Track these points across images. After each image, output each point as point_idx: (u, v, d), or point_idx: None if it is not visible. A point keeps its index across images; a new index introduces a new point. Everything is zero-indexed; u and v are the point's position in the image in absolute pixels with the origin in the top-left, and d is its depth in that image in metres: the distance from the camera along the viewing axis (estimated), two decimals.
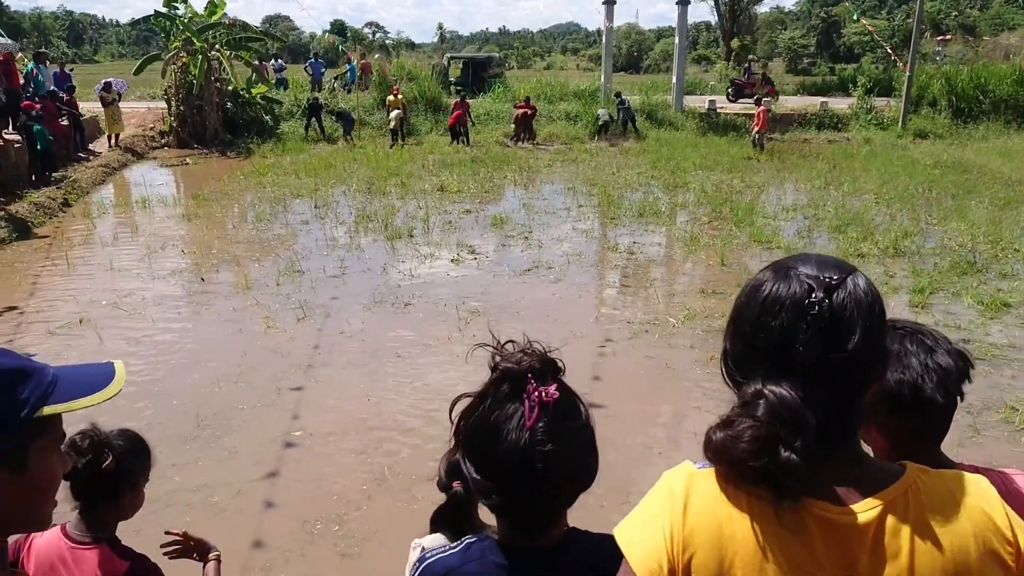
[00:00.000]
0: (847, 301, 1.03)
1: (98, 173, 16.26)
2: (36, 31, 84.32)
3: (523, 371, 1.18)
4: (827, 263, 1.08)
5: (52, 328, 7.48)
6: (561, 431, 1.17)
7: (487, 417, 1.18)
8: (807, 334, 1.02)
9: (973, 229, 10.87)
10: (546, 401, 1.16)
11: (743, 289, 1.14)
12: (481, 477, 1.20)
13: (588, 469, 1.25)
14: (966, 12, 57.65)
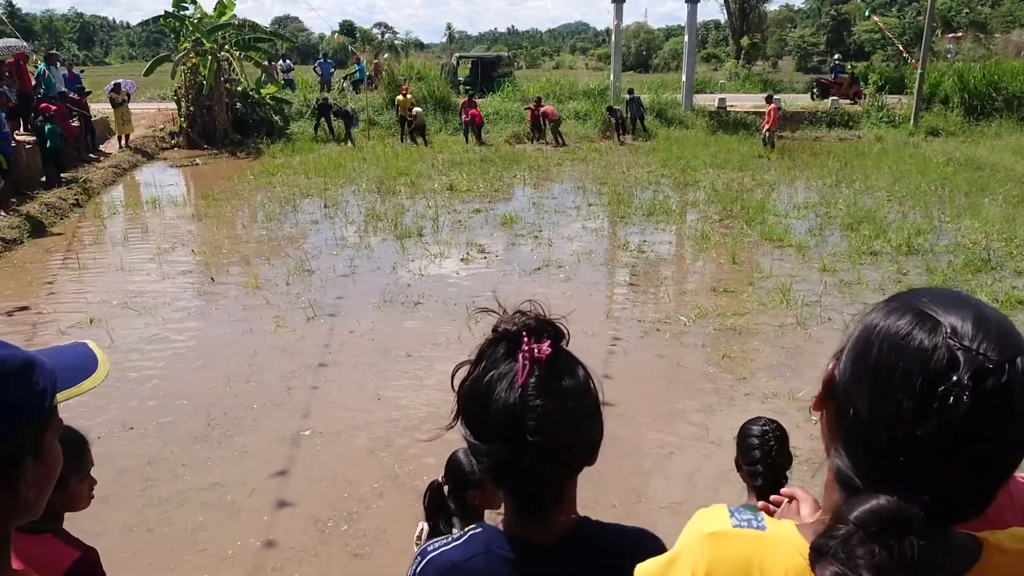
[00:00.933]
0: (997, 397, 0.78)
1: (109, 174, 16.31)
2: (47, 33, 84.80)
3: (518, 330, 1.14)
4: (989, 323, 0.83)
5: (63, 327, 7.50)
6: (554, 388, 1.12)
7: (481, 378, 1.15)
8: (935, 424, 0.79)
9: (987, 227, 10.77)
10: (538, 357, 1.11)
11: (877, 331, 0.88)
12: (476, 439, 1.16)
13: (586, 435, 1.17)
14: (977, 9, 57.30)
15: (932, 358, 0.80)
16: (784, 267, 9.21)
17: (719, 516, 0.98)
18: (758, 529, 0.95)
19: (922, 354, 0.81)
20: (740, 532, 0.95)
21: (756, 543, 0.93)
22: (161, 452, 5.15)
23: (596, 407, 1.21)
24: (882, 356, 0.85)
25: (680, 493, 4.68)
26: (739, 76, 35.88)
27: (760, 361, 6.60)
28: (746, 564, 0.92)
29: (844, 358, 0.92)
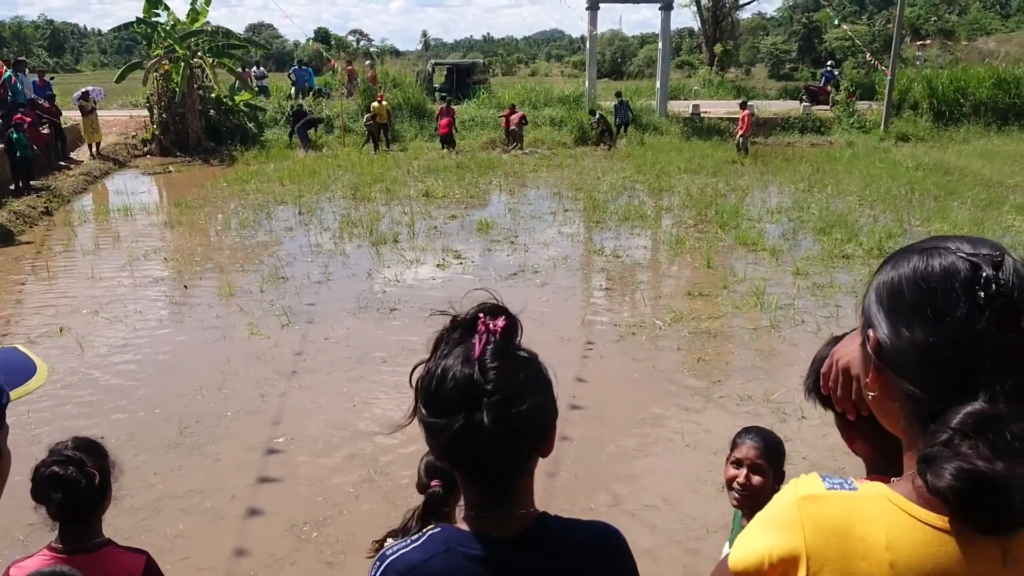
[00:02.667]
0: (1013, 278, 0.93)
1: (79, 181, 16.11)
2: (16, 40, 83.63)
3: (473, 314, 1.17)
4: (974, 239, 0.98)
5: (32, 337, 7.38)
6: (509, 354, 1.15)
7: (439, 362, 1.16)
8: (984, 318, 0.91)
9: (956, 230, 10.93)
10: (493, 330, 1.14)
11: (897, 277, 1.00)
12: (432, 417, 1.15)
13: (541, 406, 1.16)
14: (945, 17, 58.27)
15: (959, 270, 0.94)
16: (758, 271, 9.28)
17: (812, 481, 1.01)
18: (851, 490, 0.99)
19: (947, 272, 0.95)
20: (834, 493, 0.98)
21: (851, 502, 0.97)
22: (133, 461, 5.07)
23: (549, 386, 1.21)
24: (916, 292, 0.97)
25: (656, 496, 4.69)
26: (713, 83, 36.18)
27: (735, 364, 6.64)
28: (844, 523, 0.95)
29: (880, 323, 1.00)
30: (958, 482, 0.88)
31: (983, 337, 0.91)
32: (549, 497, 4.63)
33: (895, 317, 0.99)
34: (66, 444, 2.02)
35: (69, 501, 1.94)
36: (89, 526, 2.01)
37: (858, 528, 0.94)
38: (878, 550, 0.93)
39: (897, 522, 0.93)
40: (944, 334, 0.94)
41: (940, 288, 0.94)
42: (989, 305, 0.91)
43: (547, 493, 4.66)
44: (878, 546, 0.93)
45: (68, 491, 1.92)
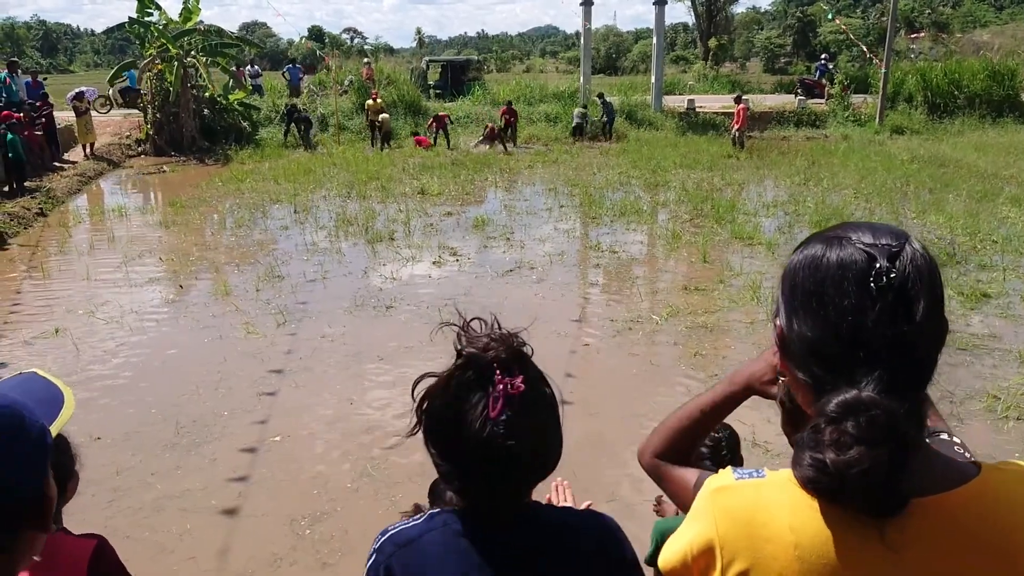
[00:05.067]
0: (909, 269, 0.94)
1: (74, 182, 16.06)
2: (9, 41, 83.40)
3: (489, 361, 1.16)
4: (879, 228, 0.99)
5: (27, 338, 7.36)
6: (524, 424, 1.15)
7: (451, 404, 1.16)
8: (876, 309, 0.92)
9: (951, 222, 10.95)
10: (511, 393, 1.14)
11: (795, 266, 1.02)
12: (444, 463, 1.20)
13: (550, 459, 1.24)
14: (939, 10, 58.28)
15: (854, 261, 0.95)
16: (754, 265, 9.28)
17: (724, 474, 1.06)
18: (759, 478, 1.03)
19: (843, 262, 0.96)
20: (742, 483, 1.03)
21: (758, 489, 1.01)
22: (130, 461, 5.06)
23: (559, 426, 1.25)
24: (807, 280, 0.99)
25: (653, 491, 4.68)
26: (707, 77, 36.22)
27: (732, 358, 6.64)
28: (751, 508, 0.99)
29: (781, 311, 1.04)
30: (811, 471, 0.92)
31: (872, 329, 0.93)
32: (546, 491, 4.63)
33: (790, 307, 1.02)
34: None
35: None
36: None
37: (763, 514, 0.98)
38: (782, 532, 0.96)
39: (800, 505, 0.96)
40: (832, 326, 0.95)
41: (831, 279, 0.96)
42: (881, 297, 0.93)
43: (545, 488, 4.65)
44: (782, 528, 0.96)
45: None
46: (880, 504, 0.91)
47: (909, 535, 0.92)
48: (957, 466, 0.99)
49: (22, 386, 1.14)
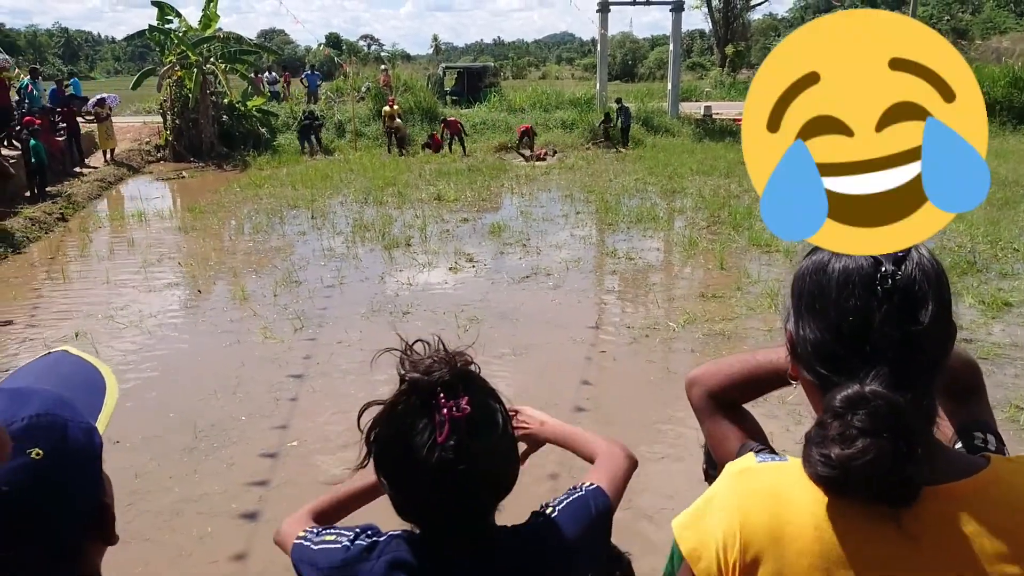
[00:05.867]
0: (915, 272, 0.98)
1: (94, 187, 16.23)
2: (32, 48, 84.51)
3: (432, 384, 1.12)
4: None
5: (48, 342, 7.43)
6: (474, 446, 1.11)
7: (397, 431, 1.13)
8: (882, 311, 0.96)
9: (972, 229, 10.85)
10: (456, 416, 1.10)
11: (803, 272, 1.07)
12: (396, 492, 1.17)
13: (505, 479, 1.20)
14: (958, 16, 57.90)
15: (860, 265, 1.00)
16: (772, 272, 9.23)
17: (745, 458, 1.09)
18: (782, 461, 1.05)
19: (848, 267, 1.00)
20: (764, 465, 1.05)
21: (780, 471, 1.04)
22: (148, 465, 5.09)
23: (514, 448, 1.22)
24: (813, 284, 1.04)
25: (670, 499, 4.66)
26: (724, 84, 36.13)
27: None
28: (773, 490, 1.02)
29: (789, 316, 1.08)
30: (821, 468, 0.95)
31: (879, 330, 0.96)
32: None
33: (798, 311, 1.06)
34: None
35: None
36: None
37: (786, 492, 1.01)
38: (803, 512, 0.98)
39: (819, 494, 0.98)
40: (836, 328, 0.99)
41: (837, 283, 1.00)
42: (887, 299, 0.96)
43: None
44: (803, 508, 0.99)
45: None
46: (892, 493, 0.93)
47: (924, 523, 0.95)
48: (966, 458, 1.03)
49: (53, 370, 1.04)
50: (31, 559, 0.86)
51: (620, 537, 4.48)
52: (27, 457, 0.84)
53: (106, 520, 0.96)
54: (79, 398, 0.97)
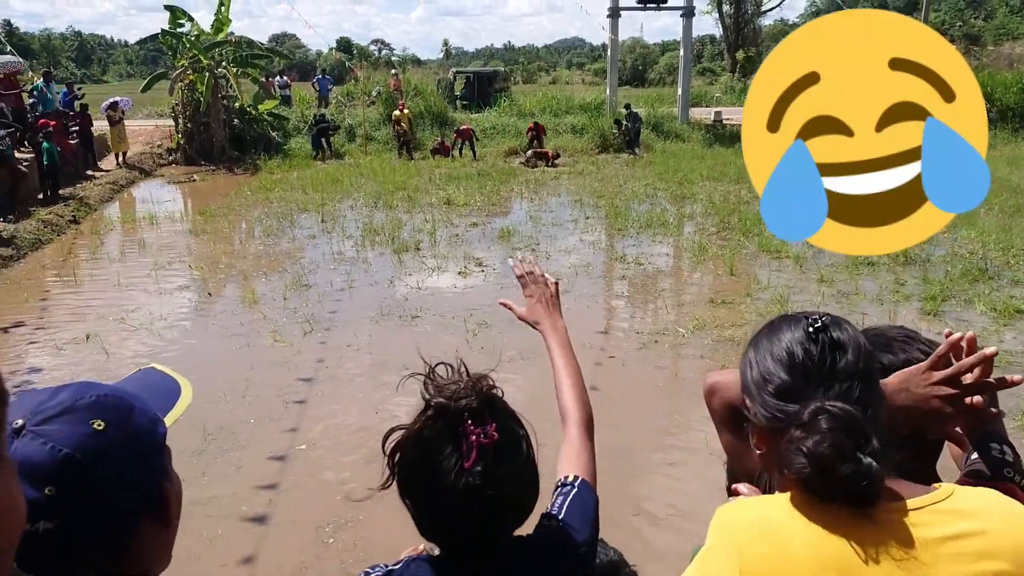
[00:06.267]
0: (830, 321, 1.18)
1: (106, 190, 16.33)
2: (45, 52, 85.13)
3: (460, 410, 1.13)
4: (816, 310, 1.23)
5: (59, 344, 7.47)
6: (500, 472, 1.13)
7: (423, 456, 1.14)
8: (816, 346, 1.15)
9: (983, 236, 10.79)
10: (484, 443, 1.11)
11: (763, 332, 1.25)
12: (420, 514, 1.18)
13: (528, 503, 1.22)
14: (971, 22, 57.65)
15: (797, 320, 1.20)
16: (782, 278, 9.20)
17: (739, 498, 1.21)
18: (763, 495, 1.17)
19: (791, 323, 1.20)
20: (750, 499, 1.15)
21: (765, 501, 1.13)
22: None
23: (536, 473, 1.24)
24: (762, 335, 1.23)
25: (679, 504, 4.65)
26: (735, 90, 36.01)
27: None
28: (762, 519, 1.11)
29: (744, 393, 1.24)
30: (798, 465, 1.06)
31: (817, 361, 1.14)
32: None
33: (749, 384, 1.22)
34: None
35: None
36: None
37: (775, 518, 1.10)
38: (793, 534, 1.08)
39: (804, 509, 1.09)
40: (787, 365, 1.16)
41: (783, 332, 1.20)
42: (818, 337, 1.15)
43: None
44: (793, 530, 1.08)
45: None
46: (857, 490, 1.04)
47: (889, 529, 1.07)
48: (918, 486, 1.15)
49: (139, 381, 1.14)
50: (86, 527, 0.92)
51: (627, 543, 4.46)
52: (90, 427, 0.92)
53: (163, 504, 1.01)
54: (152, 399, 1.05)
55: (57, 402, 0.94)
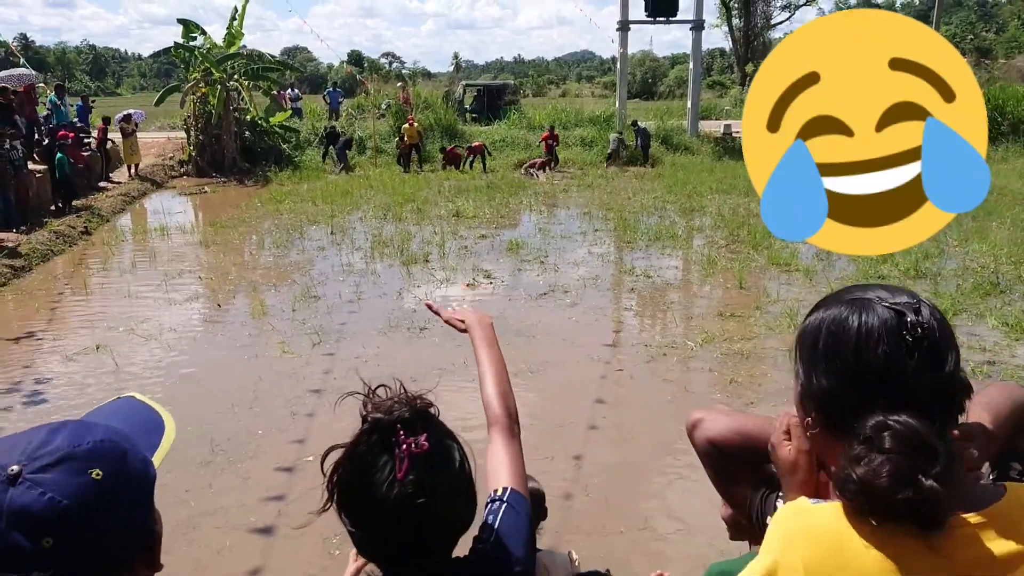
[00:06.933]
0: (932, 320, 1.03)
1: (118, 202, 16.44)
2: (60, 65, 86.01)
3: (392, 421, 1.15)
4: (892, 289, 1.07)
5: (69, 354, 7.51)
6: (433, 482, 1.14)
7: (358, 470, 1.15)
8: (914, 358, 1.01)
9: (995, 250, 10.73)
10: (415, 452, 1.13)
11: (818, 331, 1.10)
12: (357, 530, 1.18)
13: (463, 516, 1.22)
14: (982, 35, 57.60)
15: (884, 319, 1.03)
16: (791, 291, 9.17)
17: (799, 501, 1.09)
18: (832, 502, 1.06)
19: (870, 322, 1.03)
20: (819, 506, 1.05)
21: (837, 511, 1.04)
22: (164, 478, 5.09)
23: (471, 486, 1.24)
24: (830, 337, 1.06)
25: (687, 518, 4.62)
26: (744, 103, 36.03)
27: (768, 386, 6.55)
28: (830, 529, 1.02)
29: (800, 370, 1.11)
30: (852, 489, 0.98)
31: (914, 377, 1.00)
32: (578, 520, 4.59)
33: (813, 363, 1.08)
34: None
35: None
36: None
37: (840, 530, 1.01)
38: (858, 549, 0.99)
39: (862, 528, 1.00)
40: (860, 380, 1.02)
41: (859, 335, 1.03)
42: (916, 347, 1.00)
43: (576, 516, 4.62)
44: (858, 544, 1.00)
45: None
46: (919, 514, 0.96)
47: (955, 548, 0.98)
48: (987, 488, 1.06)
49: (121, 412, 1.12)
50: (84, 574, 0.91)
51: (634, 557, 4.42)
52: (88, 476, 0.91)
53: (154, 546, 1.02)
54: (139, 436, 1.05)
55: (54, 448, 0.92)
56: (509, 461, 1.43)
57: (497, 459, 1.43)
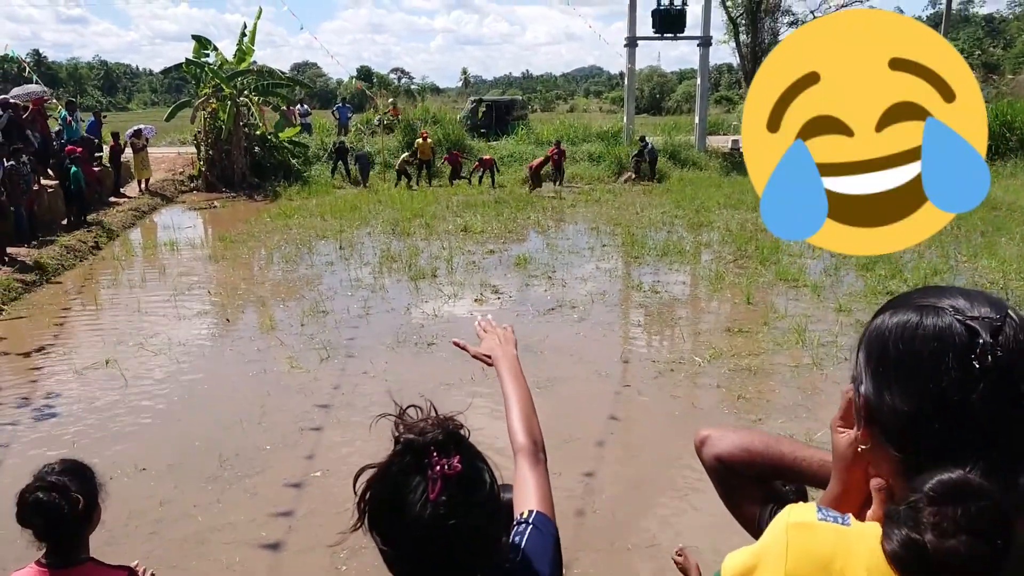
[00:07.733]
0: (1014, 344, 0.87)
1: (128, 216, 16.55)
2: (72, 81, 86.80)
3: (426, 443, 1.17)
4: (974, 296, 0.92)
5: (79, 368, 7.54)
6: (465, 504, 1.16)
7: (391, 490, 1.18)
8: (979, 390, 0.86)
9: (1004, 266, 10.69)
10: (448, 474, 1.15)
11: (884, 332, 0.96)
12: (389, 548, 1.20)
13: (494, 539, 1.24)
14: (989, 51, 57.57)
15: (952, 335, 0.88)
16: (799, 307, 9.15)
17: (806, 510, 1.00)
18: (843, 524, 0.96)
19: (942, 335, 0.89)
20: (825, 525, 0.96)
21: (840, 537, 0.95)
22: (172, 493, 5.13)
23: (500, 509, 1.25)
24: (901, 350, 0.92)
25: (695, 536, 4.60)
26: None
27: (776, 402, 6.53)
28: (828, 556, 0.93)
29: (866, 380, 0.97)
30: (903, 550, 0.86)
31: (974, 407, 0.87)
32: (586, 536, 4.58)
33: (881, 377, 0.95)
34: (52, 468, 2.05)
35: (52, 526, 1.98)
36: (74, 546, 2.06)
37: (840, 562, 0.92)
38: None
39: (880, 565, 0.90)
40: (931, 402, 0.89)
41: (928, 352, 0.90)
42: (984, 375, 0.86)
43: (584, 532, 4.60)
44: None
45: (50, 517, 1.96)
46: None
47: None
48: None
49: None
50: None
51: (644, 574, 4.40)
52: None
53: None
54: None
55: None
56: (535, 486, 1.47)
57: (523, 484, 1.48)
